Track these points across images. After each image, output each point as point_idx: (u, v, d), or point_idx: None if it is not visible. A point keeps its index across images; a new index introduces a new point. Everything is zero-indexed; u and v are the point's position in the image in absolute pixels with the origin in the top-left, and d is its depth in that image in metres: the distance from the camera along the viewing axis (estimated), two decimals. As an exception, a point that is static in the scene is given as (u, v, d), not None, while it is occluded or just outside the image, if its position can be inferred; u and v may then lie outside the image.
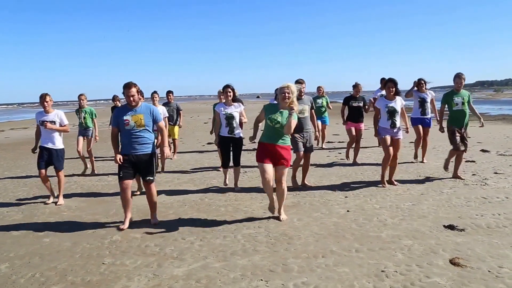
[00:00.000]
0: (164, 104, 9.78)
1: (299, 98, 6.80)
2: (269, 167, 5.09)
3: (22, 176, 9.06)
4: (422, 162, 8.90)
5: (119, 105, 10.62)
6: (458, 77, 7.21)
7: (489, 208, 5.53)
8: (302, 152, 6.77)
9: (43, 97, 6.44)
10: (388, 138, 6.87)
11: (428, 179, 7.31)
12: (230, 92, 6.94)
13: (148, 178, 5.27)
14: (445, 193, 6.34)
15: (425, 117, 8.79)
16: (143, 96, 6.56)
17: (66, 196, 6.88)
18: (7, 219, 5.82)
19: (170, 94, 10.62)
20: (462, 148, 7.22)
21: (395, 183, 7.05)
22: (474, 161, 8.74)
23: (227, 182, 7.21)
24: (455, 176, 7.30)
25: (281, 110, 5.11)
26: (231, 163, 7.10)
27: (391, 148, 6.85)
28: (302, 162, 6.95)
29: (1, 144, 16.53)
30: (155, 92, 9.59)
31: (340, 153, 10.53)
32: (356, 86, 9.23)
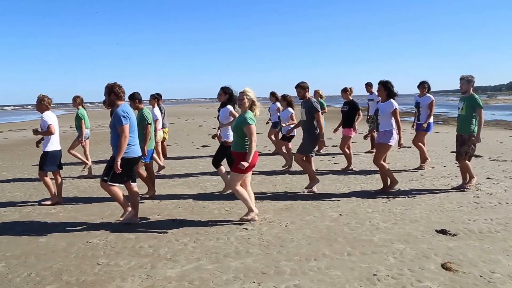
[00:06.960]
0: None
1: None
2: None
3: (19, 177, 9.07)
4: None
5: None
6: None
7: (481, 213, 5.57)
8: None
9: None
10: None
11: (420, 184, 7.36)
12: None
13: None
14: (437, 197, 6.39)
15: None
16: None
17: (63, 196, 6.91)
18: (4, 219, 5.85)
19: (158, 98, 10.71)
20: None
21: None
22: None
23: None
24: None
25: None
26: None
27: None
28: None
29: (-1, 145, 16.55)
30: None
31: (333, 157, 10.58)
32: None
